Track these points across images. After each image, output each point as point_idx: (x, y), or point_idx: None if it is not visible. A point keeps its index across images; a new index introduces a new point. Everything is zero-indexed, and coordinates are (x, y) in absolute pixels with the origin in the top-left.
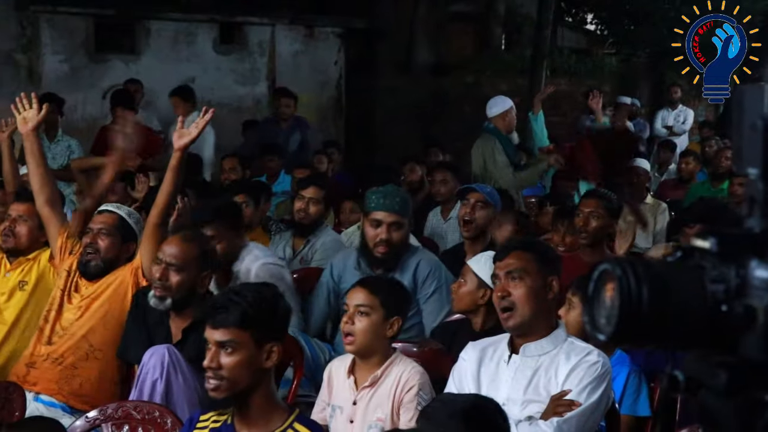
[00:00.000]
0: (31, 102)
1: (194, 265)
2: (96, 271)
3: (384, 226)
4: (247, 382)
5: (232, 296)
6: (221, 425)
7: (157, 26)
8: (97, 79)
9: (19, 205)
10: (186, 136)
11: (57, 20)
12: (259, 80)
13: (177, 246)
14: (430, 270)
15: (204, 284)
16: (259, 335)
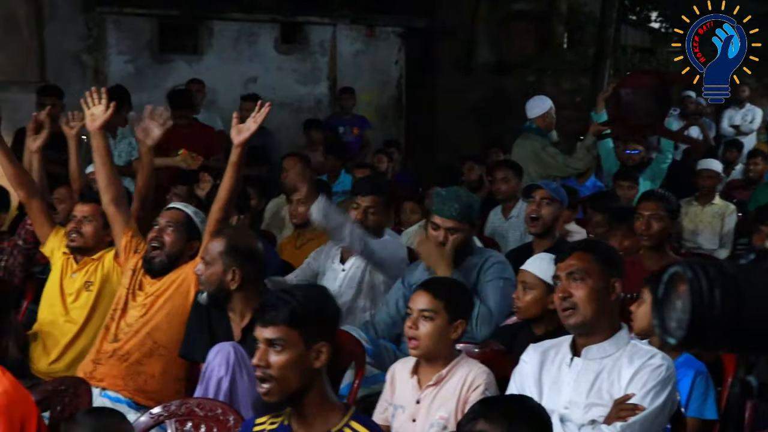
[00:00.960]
0: (100, 98)
1: (221, 259)
2: (160, 267)
3: (441, 230)
4: (298, 382)
5: (281, 295)
6: (278, 426)
7: (220, 26)
8: (161, 80)
9: (83, 205)
10: (245, 131)
11: (123, 21)
12: (320, 80)
13: (210, 241)
14: (494, 264)
15: (234, 279)
16: (308, 334)
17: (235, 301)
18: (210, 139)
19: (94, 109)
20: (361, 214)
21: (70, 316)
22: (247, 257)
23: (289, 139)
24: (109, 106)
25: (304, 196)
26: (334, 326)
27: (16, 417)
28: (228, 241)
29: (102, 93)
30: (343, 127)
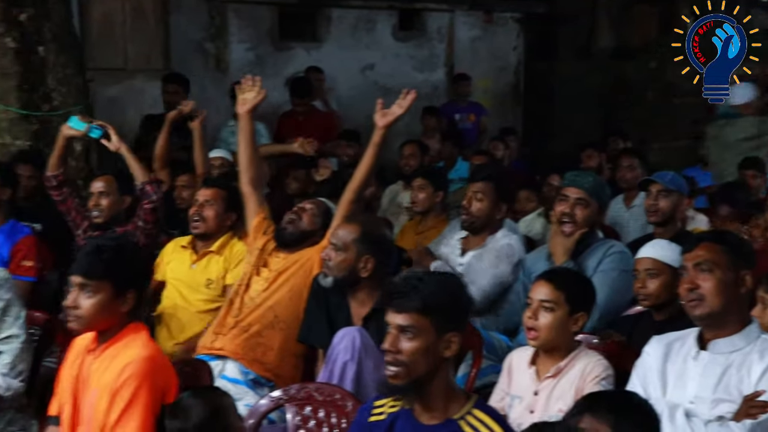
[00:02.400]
0: (254, 84)
1: (354, 246)
2: (290, 239)
3: (569, 202)
4: (425, 369)
5: (415, 282)
6: (399, 410)
7: (338, 14)
8: (281, 67)
9: (206, 190)
10: (389, 115)
11: (243, 10)
12: (438, 66)
13: (341, 227)
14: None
15: (366, 267)
16: (440, 323)
17: (360, 289)
18: (327, 124)
19: (247, 94)
20: (468, 201)
21: (191, 303)
22: (379, 246)
23: (407, 126)
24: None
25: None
26: (466, 316)
27: (159, 384)
28: (362, 229)
29: (255, 80)
30: (459, 114)
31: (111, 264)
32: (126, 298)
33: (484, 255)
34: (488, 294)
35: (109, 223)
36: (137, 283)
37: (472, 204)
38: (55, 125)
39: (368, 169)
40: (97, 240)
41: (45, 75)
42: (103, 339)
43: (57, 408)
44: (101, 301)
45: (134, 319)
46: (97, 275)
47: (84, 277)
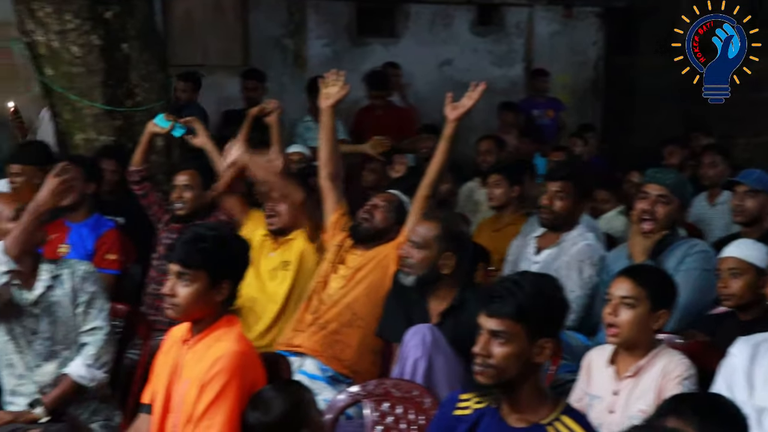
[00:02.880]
0: (337, 79)
1: (435, 244)
2: (365, 234)
3: (650, 199)
4: (515, 373)
5: (510, 285)
6: (485, 407)
7: (416, 9)
8: (358, 63)
9: None
10: (460, 108)
11: (322, 6)
12: (515, 62)
13: (421, 225)
14: (698, 252)
15: (447, 265)
16: (533, 329)
17: (440, 286)
18: (404, 119)
19: (330, 88)
20: (549, 200)
21: (268, 294)
22: (459, 242)
23: (484, 122)
24: (344, 86)
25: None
26: (561, 322)
27: (248, 379)
28: (443, 226)
29: (340, 74)
30: (537, 110)
31: (209, 253)
32: (221, 287)
33: (563, 256)
34: (582, 303)
35: (190, 216)
36: (233, 274)
37: (553, 202)
38: (137, 121)
39: (441, 164)
40: (197, 228)
41: (128, 71)
42: (198, 329)
43: (150, 396)
44: (197, 290)
45: (228, 311)
46: (195, 264)
47: (182, 265)
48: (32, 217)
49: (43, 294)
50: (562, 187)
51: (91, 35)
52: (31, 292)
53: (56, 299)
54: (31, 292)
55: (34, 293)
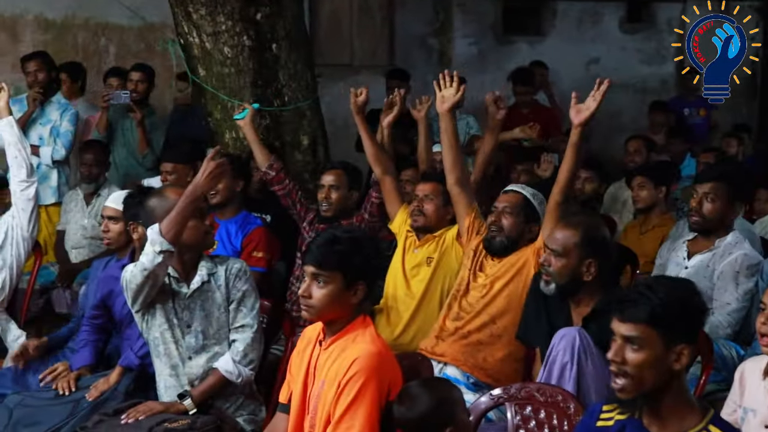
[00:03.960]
0: (451, 80)
1: (576, 251)
2: (500, 247)
3: None
4: (653, 382)
5: (643, 290)
6: (627, 418)
7: (564, 7)
8: (504, 62)
9: (425, 184)
10: (585, 111)
11: (468, 4)
12: (667, 59)
13: (559, 231)
14: None
15: (589, 271)
16: (669, 335)
17: (582, 292)
18: (551, 119)
19: (444, 91)
20: (698, 202)
21: (410, 290)
22: (601, 248)
23: (633, 121)
24: (459, 89)
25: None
26: (698, 327)
27: (385, 380)
28: (584, 232)
29: (454, 75)
30: (688, 109)
31: (344, 255)
32: (356, 289)
33: (717, 266)
34: (739, 316)
35: (336, 216)
36: (368, 276)
37: (703, 205)
38: (285, 120)
39: (571, 172)
40: (333, 230)
41: (277, 71)
42: (332, 331)
43: (286, 395)
44: (333, 292)
45: (362, 312)
46: (331, 266)
47: (317, 267)
48: (189, 200)
49: (199, 288)
50: (712, 189)
51: (242, 36)
52: (188, 286)
53: (211, 295)
54: (189, 286)
55: (191, 287)
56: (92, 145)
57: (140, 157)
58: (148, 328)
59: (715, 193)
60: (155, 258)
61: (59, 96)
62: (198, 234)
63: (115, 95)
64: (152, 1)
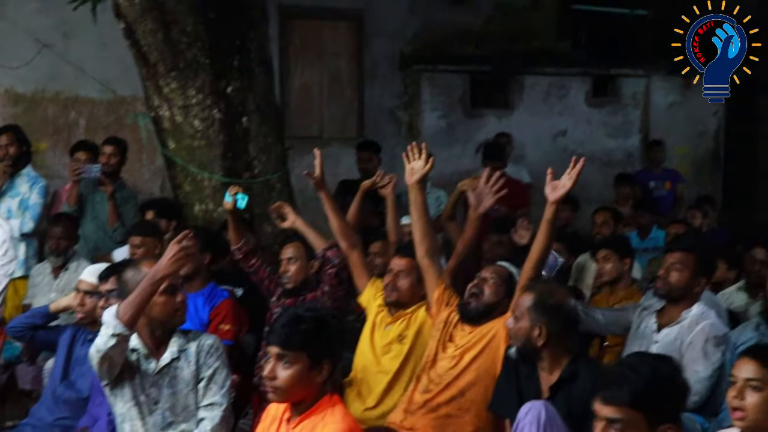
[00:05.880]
0: (420, 153)
1: (528, 314)
2: (474, 313)
3: None
4: None
5: (626, 371)
6: None
7: (531, 80)
8: (472, 134)
9: (401, 259)
10: (560, 189)
11: (437, 78)
12: (632, 133)
13: (520, 296)
14: None
15: (540, 336)
16: (653, 416)
17: (543, 357)
18: (519, 192)
19: (413, 163)
20: (665, 271)
21: (382, 366)
22: (555, 314)
23: (600, 193)
24: (428, 161)
25: None
26: (682, 405)
27: None
28: (537, 297)
29: (422, 148)
30: (654, 182)
31: (309, 335)
32: (322, 368)
33: (685, 336)
34: (708, 385)
35: (300, 288)
36: (334, 354)
37: (670, 274)
38: (255, 192)
39: (544, 248)
40: (296, 310)
41: (247, 144)
42: (299, 410)
43: None
44: (298, 372)
45: (329, 390)
46: (295, 346)
47: (282, 348)
48: (149, 284)
49: (168, 365)
50: (680, 259)
51: (213, 109)
52: (157, 362)
53: (180, 372)
54: (157, 362)
55: (159, 363)
56: (61, 218)
57: (110, 230)
58: (115, 403)
59: (683, 264)
60: (108, 341)
61: (29, 169)
62: (168, 310)
63: (87, 169)
64: (123, 74)
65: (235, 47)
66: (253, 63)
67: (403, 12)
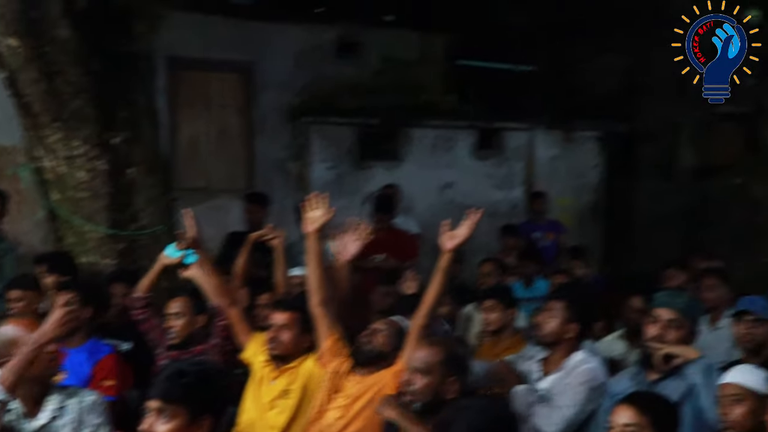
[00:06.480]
0: (319, 203)
1: (439, 369)
2: (367, 356)
3: (660, 323)
4: None
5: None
6: None
7: (419, 133)
8: (361, 186)
9: (281, 314)
10: (456, 238)
11: (326, 130)
12: (516, 185)
13: (423, 350)
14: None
15: (452, 389)
16: None
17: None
18: (407, 243)
19: (312, 213)
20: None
21: (268, 421)
22: (463, 367)
23: (485, 245)
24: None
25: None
26: None
27: None
28: (447, 351)
29: (322, 198)
30: (538, 233)
31: (190, 389)
32: (202, 424)
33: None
34: (569, 419)
35: (187, 342)
36: (215, 409)
37: (543, 321)
38: (141, 244)
39: (437, 295)
40: (179, 364)
41: (133, 195)
42: None
43: None
44: (176, 427)
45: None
46: (175, 399)
47: (161, 401)
48: (34, 348)
49: (47, 424)
50: (552, 307)
51: (98, 160)
52: (34, 422)
53: (59, 430)
54: (35, 422)
55: (37, 422)
56: None
57: None
58: None
59: (554, 311)
60: None
61: None
62: (42, 363)
63: None
64: (3, 124)
65: (121, 98)
66: (140, 114)
67: (291, 64)
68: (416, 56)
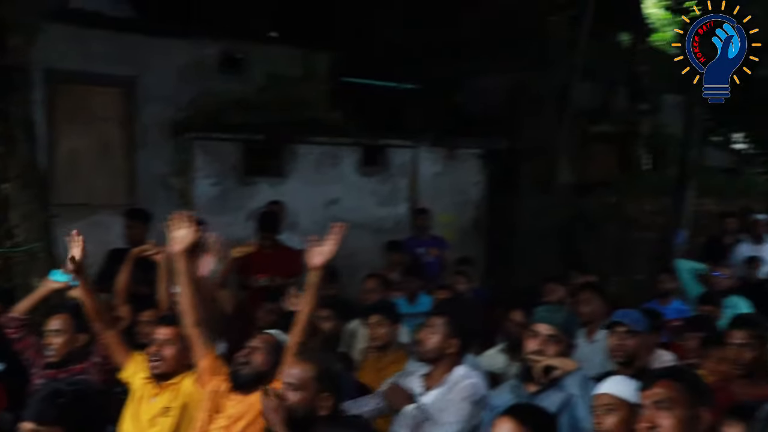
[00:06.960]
0: (185, 222)
1: (313, 384)
2: (245, 380)
3: (540, 337)
4: None
5: None
6: None
7: (304, 150)
8: (245, 202)
9: (165, 328)
10: (323, 254)
11: (209, 145)
12: (400, 201)
13: (296, 366)
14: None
15: (326, 405)
16: None
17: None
18: (291, 260)
19: (178, 232)
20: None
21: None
22: (336, 382)
23: (370, 260)
24: (196, 230)
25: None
26: None
27: None
28: (320, 367)
29: (186, 218)
30: (421, 248)
31: (66, 409)
32: None
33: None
34: None
35: (65, 361)
36: (92, 430)
37: (425, 337)
38: (17, 262)
39: (310, 312)
40: (55, 384)
41: (8, 211)
42: None
43: None
44: None
45: None
46: (50, 421)
47: (36, 423)
48: None
49: None
50: (432, 323)
51: None
52: None
53: None
54: None
55: None
56: None
57: None
58: None
59: (435, 327)
60: None
61: None
62: None
63: None
64: None
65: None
66: (15, 128)
67: (175, 79)
68: (301, 73)
